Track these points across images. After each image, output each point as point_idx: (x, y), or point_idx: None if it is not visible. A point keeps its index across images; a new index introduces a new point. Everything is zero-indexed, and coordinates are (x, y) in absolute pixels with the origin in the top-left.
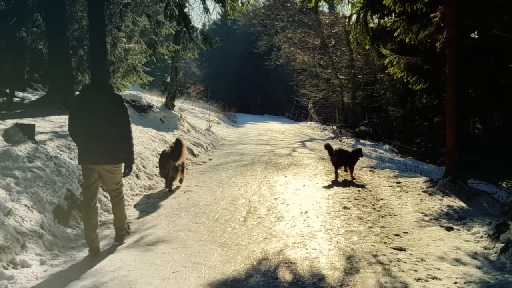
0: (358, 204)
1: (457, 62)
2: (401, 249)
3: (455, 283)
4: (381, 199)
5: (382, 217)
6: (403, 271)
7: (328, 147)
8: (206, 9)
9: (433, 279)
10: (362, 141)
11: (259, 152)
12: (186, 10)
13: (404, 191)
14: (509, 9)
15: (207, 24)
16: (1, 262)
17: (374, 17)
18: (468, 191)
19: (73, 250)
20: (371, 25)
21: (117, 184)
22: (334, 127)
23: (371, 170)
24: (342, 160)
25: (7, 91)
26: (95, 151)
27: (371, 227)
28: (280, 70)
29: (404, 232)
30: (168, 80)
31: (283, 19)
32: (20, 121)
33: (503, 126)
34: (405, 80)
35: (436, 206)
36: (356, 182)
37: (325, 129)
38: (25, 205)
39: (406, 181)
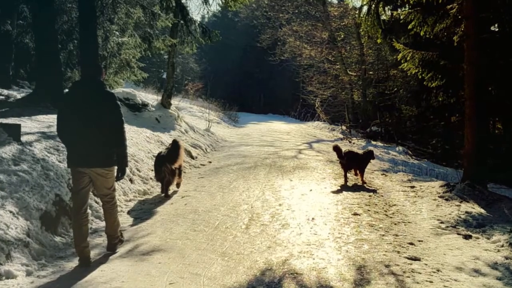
0: (369, 210)
1: (476, 57)
2: (416, 259)
3: None
4: (394, 205)
5: (395, 224)
6: (417, 283)
7: (337, 148)
8: (205, 0)
9: None
10: (373, 143)
11: (263, 154)
12: (183, 1)
13: (418, 196)
14: None
15: (206, 16)
16: None
17: (386, 8)
18: (488, 196)
19: (62, 260)
20: (383, 17)
21: (109, 188)
22: (343, 127)
23: (383, 174)
24: (352, 162)
25: None
26: (85, 153)
27: (383, 235)
28: (285, 66)
29: (419, 241)
30: (164, 76)
31: (288, 11)
32: (4, 120)
33: None
34: (420, 77)
35: (453, 213)
36: (367, 187)
37: (334, 130)
38: (10, 212)
39: (421, 186)
